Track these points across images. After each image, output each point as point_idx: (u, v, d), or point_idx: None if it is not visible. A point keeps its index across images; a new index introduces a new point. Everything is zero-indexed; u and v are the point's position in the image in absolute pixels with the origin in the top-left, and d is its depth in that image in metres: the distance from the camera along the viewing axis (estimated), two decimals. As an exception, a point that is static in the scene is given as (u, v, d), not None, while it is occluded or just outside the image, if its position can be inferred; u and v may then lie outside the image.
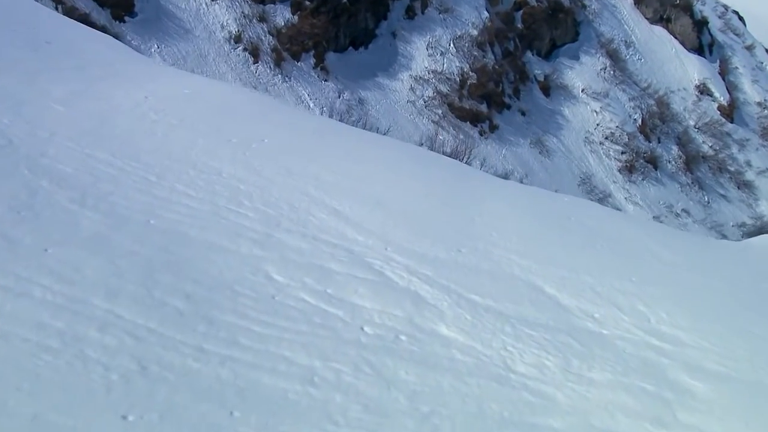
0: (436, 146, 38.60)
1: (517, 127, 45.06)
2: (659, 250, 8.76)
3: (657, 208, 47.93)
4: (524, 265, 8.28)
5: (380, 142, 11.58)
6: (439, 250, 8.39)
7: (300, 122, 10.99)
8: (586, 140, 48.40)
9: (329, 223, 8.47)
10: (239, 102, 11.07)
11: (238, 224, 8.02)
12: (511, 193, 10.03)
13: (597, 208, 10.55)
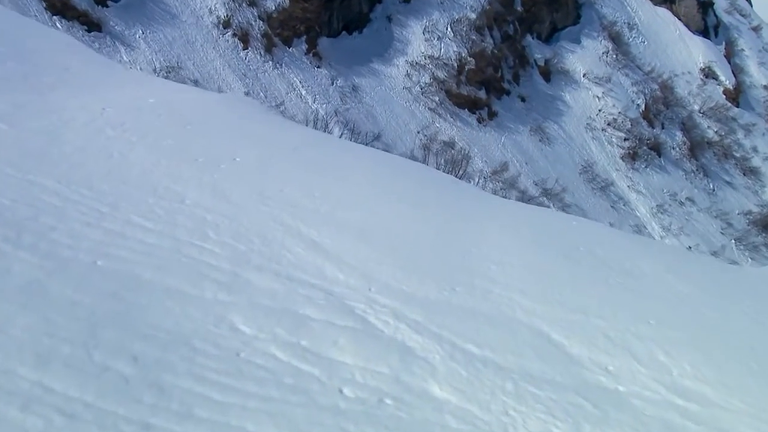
0: (431, 136, 37.72)
1: (516, 113, 44.06)
2: (676, 283, 7.86)
3: (660, 197, 47.02)
4: (527, 306, 7.37)
5: (366, 156, 10.59)
6: (430, 288, 7.48)
7: (277, 135, 10.02)
8: (587, 127, 47.40)
9: (306, 259, 7.55)
10: (210, 112, 10.10)
11: (201, 262, 7.11)
12: (511, 217, 9.09)
13: (607, 233, 9.62)
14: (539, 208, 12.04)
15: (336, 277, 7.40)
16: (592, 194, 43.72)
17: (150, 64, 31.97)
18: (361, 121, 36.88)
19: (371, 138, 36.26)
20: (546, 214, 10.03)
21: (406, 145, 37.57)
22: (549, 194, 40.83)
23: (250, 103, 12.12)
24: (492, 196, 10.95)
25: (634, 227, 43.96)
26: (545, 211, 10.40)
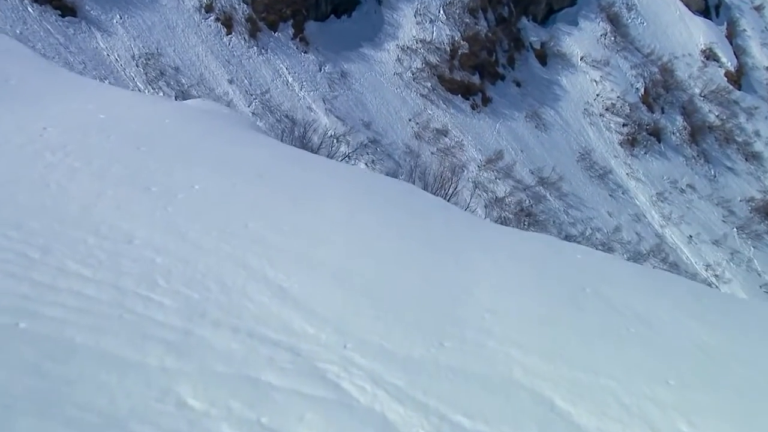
0: (423, 124, 36.71)
1: (511, 99, 43.04)
2: (698, 331, 6.94)
3: (660, 184, 46.15)
4: (528, 364, 6.43)
5: (345, 178, 9.59)
6: (415, 344, 6.54)
7: (245, 154, 9.02)
8: (585, 112, 46.42)
9: (271, 309, 6.60)
10: (169, 128, 9.10)
11: (147, 319, 6.15)
12: (508, 250, 8.15)
13: (614, 268, 8.66)
14: (538, 236, 11.07)
15: (305, 331, 6.45)
16: (590, 182, 42.83)
17: (128, 50, 30.88)
18: (350, 108, 35.87)
19: (361, 124, 35.29)
20: (546, 245, 9.06)
21: (397, 133, 36.58)
22: (545, 183, 39.92)
23: (217, 113, 11.11)
24: (485, 224, 9.96)
25: (633, 216, 43.14)
26: (545, 241, 9.43)
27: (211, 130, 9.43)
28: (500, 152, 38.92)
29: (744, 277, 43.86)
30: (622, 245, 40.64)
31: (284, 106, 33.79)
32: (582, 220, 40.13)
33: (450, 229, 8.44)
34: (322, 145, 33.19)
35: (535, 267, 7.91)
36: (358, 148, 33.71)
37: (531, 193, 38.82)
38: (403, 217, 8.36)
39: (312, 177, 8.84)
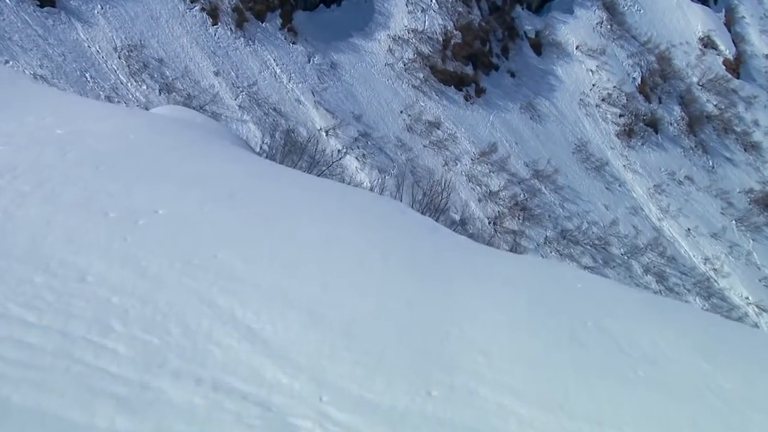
0: (415, 116, 36.03)
1: (505, 90, 42.38)
2: (711, 372, 6.36)
3: (658, 176, 45.60)
4: (524, 415, 5.84)
5: (325, 197, 8.93)
6: (399, 393, 5.93)
7: (215, 171, 8.37)
8: (581, 103, 45.78)
9: (239, 355, 5.99)
10: (133, 144, 8.43)
11: (97, 371, 5.54)
12: (502, 280, 7.54)
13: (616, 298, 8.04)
14: (535, 262, 10.47)
15: (278, 380, 5.85)
16: (586, 175, 42.24)
17: (110, 42, 30.11)
18: (340, 100, 35.17)
19: (351, 117, 34.62)
20: (544, 271, 8.45)
21: (388, 126, 35.91)
22: (540, 176, 39.33)
23: (189, 123, 10.44)
24: (477, 248, 9.31)
25: (630, 209, 42.58)
26: (542, 267, 8.84)
27: (180, 144, 8.77)
28: (494, 144, 38.29)
29: (743, 271, 43.41)
30: (619, 239, 40.11)
31: (272, 98, 33.09)
32: (578, 214, 39.56)
33: (439, 254, 7.82)
34: (310, 141, 32.58)
35: (532, 298, 7.31)
36: (346, 149, 33.06)
37: (526, 186, 38.22)
38: (386, 241, 7.73)
39: (289, 196, 8.21)
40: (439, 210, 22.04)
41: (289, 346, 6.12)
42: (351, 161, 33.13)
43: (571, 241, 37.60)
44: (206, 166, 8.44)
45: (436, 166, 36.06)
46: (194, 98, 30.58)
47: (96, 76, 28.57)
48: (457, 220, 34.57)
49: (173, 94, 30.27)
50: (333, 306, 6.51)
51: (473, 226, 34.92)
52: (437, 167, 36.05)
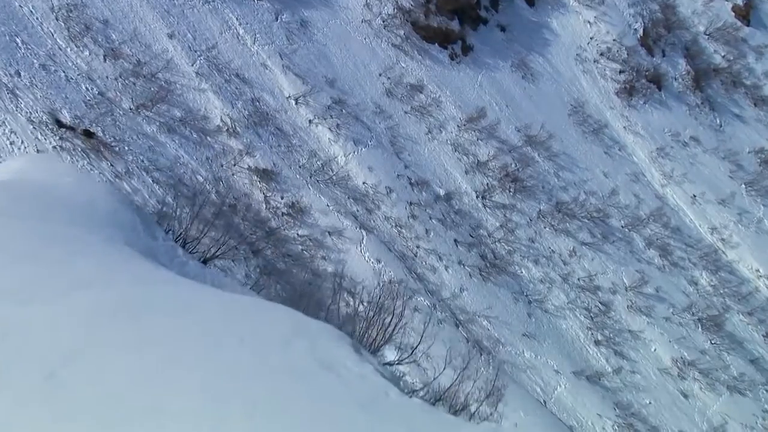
0: (396, 79, 33.71)
1: (495, 46, 40.00)
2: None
3: (661, 138, 43.56)
4: None
5: (228, 333, 6.61)
6: None
7: (45, 284, 6.15)
8: (577, 58, 43.50)
9: None
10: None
11: None
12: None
13: None
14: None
15: None
16: (584, 139, 40.15)
17: (46, 0, 27.56)
18: (311, 64, 32.81)
19: (324, 82, 32.31)
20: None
21: (365, 91, 33.63)
22: (533, 142, 37.23)
23: (35, 189, 8.22)
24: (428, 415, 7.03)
25: (631, 176, 40.67)
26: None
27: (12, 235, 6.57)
28: (482, 109, 36.07)
29: (753, 241, 41.73)
30: (619, 210, 38.24)
31: (234, 63, 30.71)
32: (575, 183, 37.55)
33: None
34: (280, 110, 30.32)
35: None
36: (318, 119, 30.80)
37: (517, 154, 36.12)
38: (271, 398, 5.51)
39: (152, 323, 6.09)
40: (390, 334, 18.51)
41: None
42: (323, 132, 30.94)
43: (567, 215, 35.68)
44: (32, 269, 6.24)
45: (418, 134, 33.91)
46: (145, 65, 28.23)
47: (29, 41, 26.12)
48: (442, 195, 32.56)
49: (120, 61, 27.91)
50: None
51: (459, 201, 32.89)
52: (420, 136, 33.88)
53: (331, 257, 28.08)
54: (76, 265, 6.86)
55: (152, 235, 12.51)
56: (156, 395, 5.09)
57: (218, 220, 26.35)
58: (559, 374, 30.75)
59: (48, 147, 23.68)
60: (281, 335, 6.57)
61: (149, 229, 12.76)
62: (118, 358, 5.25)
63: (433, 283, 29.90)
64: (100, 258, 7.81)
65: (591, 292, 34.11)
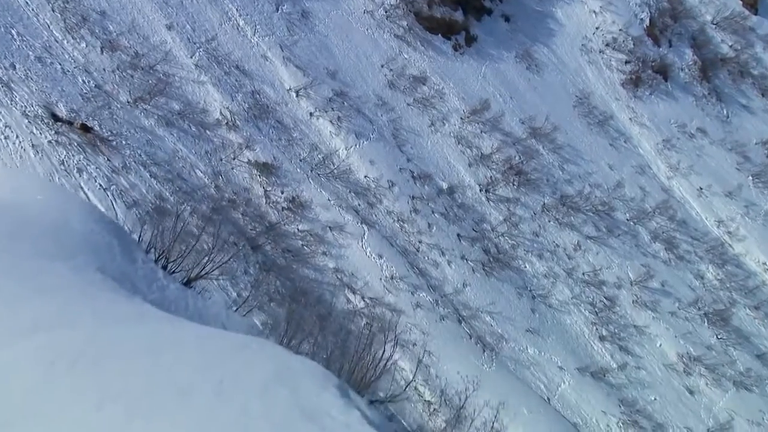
0: (398, 71, 33.27)
1: (499, 37, 39.45)
2: None
3: (667, 129, 42.99)
4: None
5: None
6: None
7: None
8: (583, 49, 42.90)
9: None
10: None
11: None
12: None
13: None
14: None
15: None
16: (589, 131, 39.61)
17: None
18: (312, 55, 32.33)
19: (326, 74, 31.79)
20: None
21: (367, 83, 33.13)
22: (538, 135, 36.72)
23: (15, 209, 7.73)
24: None
25: (637, 168, 40.14)
26: None
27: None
28: (486, 101, 35.55)
29: (760, 233, 41.20)
30: (625, 203, 37.72)
31: (234, 55, 30.23)
32: (579, 176, 37.04)
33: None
34: (280, 103, 29.83)
35: None
36: (319, 111, 30.32)
37: (521, 147, 35.62)
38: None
39: (117, 370, 5.63)
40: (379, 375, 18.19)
41: None
42: (324, 125, 30.51)
43: (571, 208, 35.19)
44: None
45: (421, 127, 33.43)
46: (143, 57, 27.77)
47: (24, 32, 25.68)
48: (444, 188, 32.07)
49: (117, 53, 27.47)
50: None
51: (462, 195, 32.42)
52: (423, 128, 33.39)
53: (332, 252, 27.66)
54: (37, 304, 6.42)
55: (130, 257, 11.94)
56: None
57: (217, 215, 26.03)
58: (563, 371, 30.28)
59: (43, 141, 23.25)
60: (262, 380, 6.14)
61: (127, 251, 12.18)
62: (75, 415, 4.81)
63: (435, 278, 29.46)
64: (66, 293, 7.36)
65: (596, 286, 33.61)
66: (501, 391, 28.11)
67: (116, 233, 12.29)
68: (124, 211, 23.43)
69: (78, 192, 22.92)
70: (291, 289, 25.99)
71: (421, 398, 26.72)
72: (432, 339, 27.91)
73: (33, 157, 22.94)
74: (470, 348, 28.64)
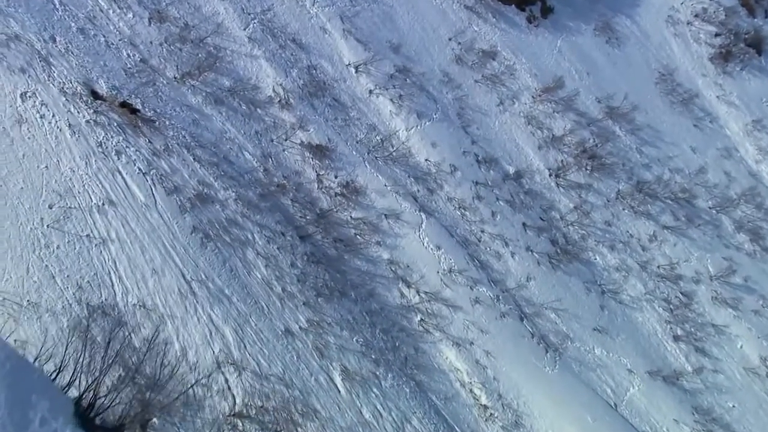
0: (467, 44, 31.04)
1: (578, 8, 36.70)
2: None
3: (758, 108, 39.83)
4: None
5: None
6: None
7: None
8: (668, 20, 39.86)
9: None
10: None
11: None
12: None
13: None
14: None
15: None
16: (671, 110, 36.78)
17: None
18: (375, 27, 30.31)
19: (388, 48, 29.70)
20: None
21: (433, 58, 31.00)
22: (615, 114, 34.13)
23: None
24: None
25: (723, 151, 37.28)
26: None
27: None
28: (560, 78, 33.08)
29: None
30: (707, 190, 34.98)
31: (291, 27, 28.39)
32: (659, 160, 34.38)
33: None
34: (338, 79, 27.89)
35: None
36: (379, 88, 28.33)
37: (597, 128, 33.12)
38: None
39: None
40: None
41: None
42: (384, 104, 28.51)
43: (648, 195, 32.69)
44: None
45: (489, 106, 31.21)
46: (193, 28, 26.23)
47: (67, 2, 24.36)
48: (511, 173, 29.86)
49: (166, 24, 25.96)
50: None
51: (530, 180, 30.19)
52: (490, 107, 31.15)
53: (386, 242, 25.87)
54: None
55: (24, 417, 9.65)
56: None
57: (264, 202, 24.37)
58: (633, 374, 28.19)
59: (81, 121, 21.82)
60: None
61: (21, 409, 9.87)
62: None
63: (497, 271, 27.47)
64: None
65: (672, 281, 31.21)
66: (563, 397, 26.19)
67: (9, 388, 9.92)
68: (164, 198, 21.99)
69: (115, 176, 21.52)
70: (341, 283, 24.30)
71: (477, 402, 24.93)
72: (491, 338, 26.02)
73: (69, 138, 21.59)
74: (532, 348, 26.66)
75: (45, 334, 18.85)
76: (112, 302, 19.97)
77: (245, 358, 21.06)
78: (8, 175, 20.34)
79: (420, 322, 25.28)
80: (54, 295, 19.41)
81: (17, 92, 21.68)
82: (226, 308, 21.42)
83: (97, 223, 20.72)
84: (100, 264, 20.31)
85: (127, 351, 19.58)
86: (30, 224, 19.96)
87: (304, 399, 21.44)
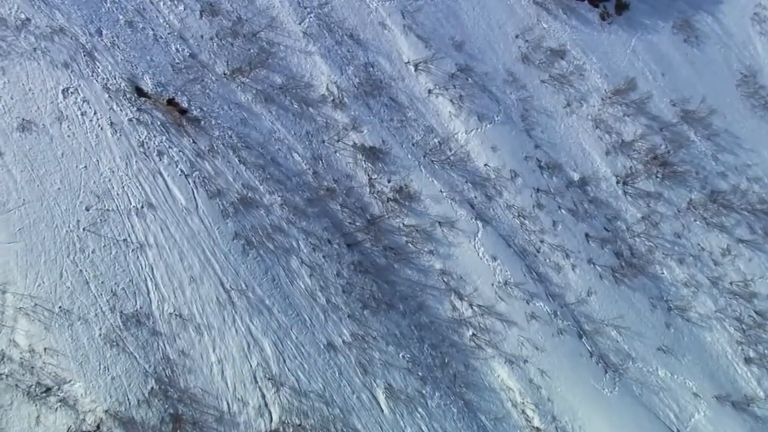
0: (534, 42, 29.51)
1: (655, 4, 34.74)
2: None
3: None
4: None
5: None
6: None
7: None
8: (755, 18, 37.55)
9: None
10: None
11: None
12: None
13: None
14: None
15: None
16: (752, 114, 34.64)
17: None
18: (437, 23, 28.99)
19: (450, 45, 28.33)
20: None
21: (497, 56, 29.54)
22: (691, 118, 32.23)
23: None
24: None
25: (806, 160, 34.86)
26: None
27: None
28: (633, 80, 31.35)
29: None
30: (788, 201, 32.82)
31: (348, 22, 27.25)
32: (736, 168, 32.38)
33: None
34: (396, 78, 26.66)
35: None
36: (439, 88, 26.99)
37: (670, 133, 31.31)
38: None
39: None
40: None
41: None
42: (443, 104, 27.22)
43: (723, 206, 30.78)
44: None
45: (555, 108, 29.68)
46: (245, 22, 25.33)
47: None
48: (575, 180, 28.28)
49: (218, 18, 25.10)
50: None
51: (595, 188, 28.58)
52: (557, 110, 29.58)
53: (439, 252, 24.69)
54: None
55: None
56: None
57: (312, 207, 23.32)
58: (699, 398, 26.53)
59: (123, 119, 21.06)
60: None
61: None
62: None
63: (556, 284, 26.06)
64: None
65: (745, 299, 29.33)
66: (623, 421, 24.68)
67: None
68: (206, 201, 21.12)
69: (156, 178, 20.69)
70: (389, 294, 23.15)
71: (530, 424, 23.66)
72: (546, 356, 24.67)
73: (110, 137, 20.83)
74: (590, 368, 25.21)
75: (76, 343, 18.26)
76: (147, 311, 19.25)
77: (284, 372, 20.20)
78: (45, 175, 19.71)
79: (472, 337, 24.07)
80: (87, 302, 18.77)
81: (59, 88, 21.02)
82: (266, 320, 20.56)
83: (135, 227, 20.00)
84: (137, 270, 19.61)
85: (161, 363, 18.88)
86: (66, 227, 19.31)
87: (345, 418, 20.49)
